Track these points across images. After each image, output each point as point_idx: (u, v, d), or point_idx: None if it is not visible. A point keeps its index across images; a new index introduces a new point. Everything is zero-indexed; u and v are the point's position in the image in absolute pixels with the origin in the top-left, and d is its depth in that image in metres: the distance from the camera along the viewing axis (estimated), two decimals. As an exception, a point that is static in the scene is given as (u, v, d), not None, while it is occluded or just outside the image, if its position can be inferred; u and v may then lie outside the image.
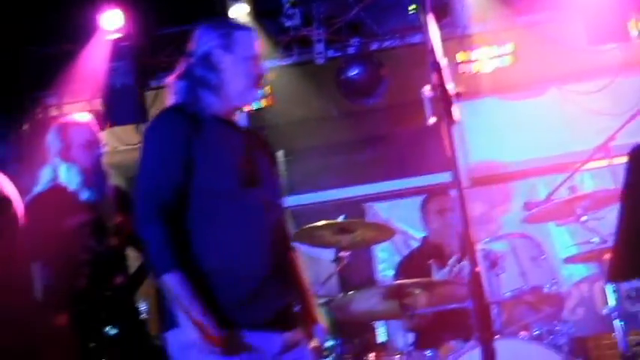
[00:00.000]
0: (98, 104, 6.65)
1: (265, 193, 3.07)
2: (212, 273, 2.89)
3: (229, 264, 2.91)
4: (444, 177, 2.67)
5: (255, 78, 3.16)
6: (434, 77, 2.71)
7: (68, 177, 4.36)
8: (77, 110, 6.69)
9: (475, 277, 2.56)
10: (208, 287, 2.85)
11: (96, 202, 4.35)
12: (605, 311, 4.70)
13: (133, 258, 4.69)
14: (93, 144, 4.40)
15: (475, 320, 2.56)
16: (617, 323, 4.57)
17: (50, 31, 6.70)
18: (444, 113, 2.66)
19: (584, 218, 4.79)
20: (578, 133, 6.74)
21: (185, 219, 2.94)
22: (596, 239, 4.79)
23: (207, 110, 3.06)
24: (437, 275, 4.78)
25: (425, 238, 5.51)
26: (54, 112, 6.86)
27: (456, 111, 2.67)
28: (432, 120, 2.86)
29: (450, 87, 2.71)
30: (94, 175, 4.38)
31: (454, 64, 6.48)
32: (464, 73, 6.41)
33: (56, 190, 4.37)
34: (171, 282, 2.79)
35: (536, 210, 5.10)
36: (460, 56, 6.42)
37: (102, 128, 4.86)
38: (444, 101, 2.67)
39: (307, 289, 3.22)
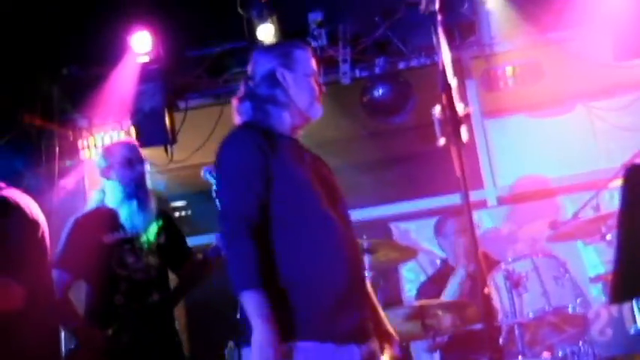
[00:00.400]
0: (127, 126, 6.73)
1: (339, 208, 3.14)
2: (296, 285, 2.94)
3: (313, 276, 2.96)
4: (474, 195, 2.66)
5: (317, 93, 3.27)
6: (443, 98, 2.72)
7: (111, 195, 4.52)
8: (107, 132, 6.80)
9: (484, 299, 2.55)
10: (292, 299, 2.92)
11: (137, 216, 4.46)
12: (632, 331, 4.63)
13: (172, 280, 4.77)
14: (133, 161, 4.53)
15: (485, 341, 2.54)
16: (646, 343, 4.51)
17: (81, 54, 6.82)
18: (453, 134, 2.66)
19: (608, 237, 4.75)
20: (606, 150, 6.67)
21: (267, 233, 2.99)
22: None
23: (277, 127, 3.15)
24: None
25: (445, 261, 5.52)
26: (84, 134, 6.95)
27: (465, 132, 2.66)
28: (441, 141, 2.87)
29: (460, 108, 2.70)
30: (136, 190, 4.49)
31: (480, 82, 6.48)
32: (490, 90, 6.38)
33: (99, 210, 4.55)
34: (251, 300, 2.84)
35: (560, 229, 5.07)
36: (487, 74, 6.39)
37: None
38: (452, 122, 2.67)
39: (376, 303, 3.30)
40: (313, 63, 3.32)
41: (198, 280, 4.68)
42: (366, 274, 3.31)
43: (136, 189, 4.48)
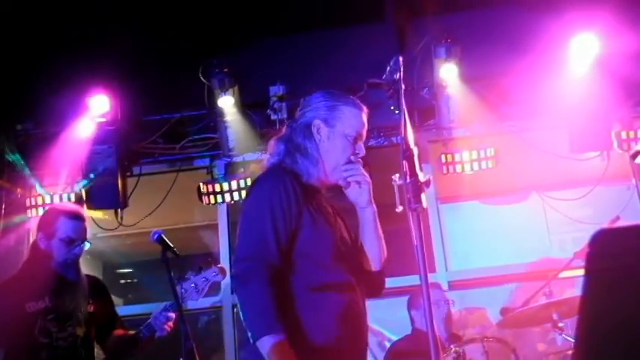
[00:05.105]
0: (79, 187, 6.59)
1: (355, 269, 3.00)
2: (311, 342, 2.79)
3: (331, 336, 2.82)
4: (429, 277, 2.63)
5: (348, 157, 3.08)
6: (404, 165, 2.68)
7: (42, 261, 4.33)
8: (56, 192, 6.65)
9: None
10: (307, 354, 2.75)
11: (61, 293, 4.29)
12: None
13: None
14: (74, 242, 4.34)
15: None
16: None
17: (36, 112, 6.74)
18: (413, 201, 2.61)
19: (560, 324, 4.72)
20: (558, 240, 6.70)
21: (286, 282, 2.84)
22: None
23: (304, 177, 3.01)
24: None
25: (415, 328, 5.53)
26: (33, 193, 6.79)
27: (424, 199, 2.62)
28: (399, 208, 2.83)
29: (420, 175, 2.66)
30: (67, 267, 4.33)
31: (437, 166, 6.50)
32: (447, 174, 6.40)
33: (24, 276, 4.38)
34: (272, 346, 2.66)
35: (512, 315, 5.03)
36: (443, 158, 6.42)
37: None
38: (413, 189, 2.62)
39: None
40: (360, 125, 3.16)
41: (125, 356, 4.51)
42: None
43: (66, 267, 4.33)
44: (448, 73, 6.22)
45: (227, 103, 6.42)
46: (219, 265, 4.62)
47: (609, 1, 5.77)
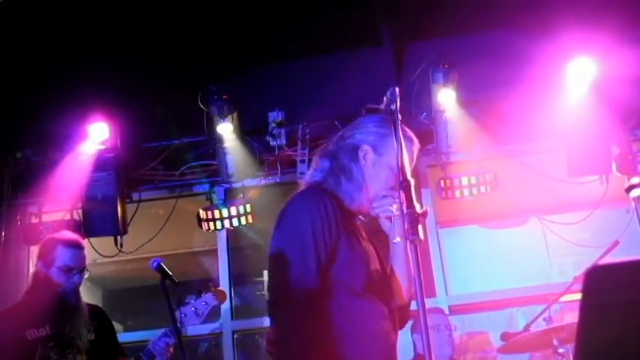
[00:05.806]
0: (78, 214, 6.60)
1: (386, 302, 2.94)
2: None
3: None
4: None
5: (389, 189, 2.95)
6: (401, 196, 2.68)
7: (42, 288, 4.34)
8: (56, 219, 6.65)
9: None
10: None
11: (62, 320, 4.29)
12: None
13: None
14: (72, 270, 4.36)
15: None
16: None
17: (36, 139, 6.76)
18: (410, 232, 2.61)
19: (561, 350, 4.71)
20: (558, 264, 6.69)
21: (320, 307, 2.78)
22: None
23: (344, 200, 2.95)
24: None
25: (416, 353, 5.50)
26: (33, 220, 6.79)
27: (422, 231, 2.62)
28: (397, 239, 2.83)
29: (417, 207, 2.66)
30: (66, 295, 4.34)
31: (436, 190, 6.51)
32: (446, 199, 6.40)
33: (24, 304, 4.39)
34: None
35: (512, 341, 5.02)
36: (442, 183, 6.42)
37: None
38: (410, 220, 2.62)
39: None
40: (409, 159, 2.92)
41: None
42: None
43: (66, 295, 4.34)
44: (446, 97, 6.23)
45: (226, 130, 6.43)
46: (219, 289, 4.62)
47: (606, 24, 5.78)
